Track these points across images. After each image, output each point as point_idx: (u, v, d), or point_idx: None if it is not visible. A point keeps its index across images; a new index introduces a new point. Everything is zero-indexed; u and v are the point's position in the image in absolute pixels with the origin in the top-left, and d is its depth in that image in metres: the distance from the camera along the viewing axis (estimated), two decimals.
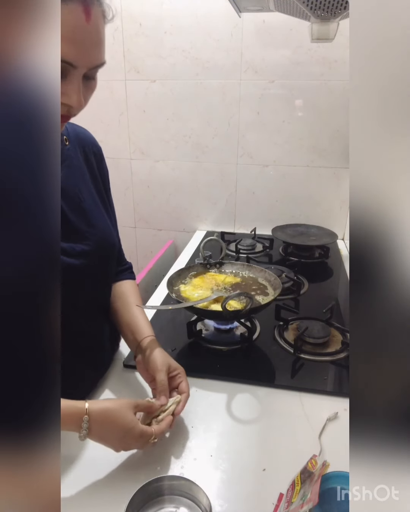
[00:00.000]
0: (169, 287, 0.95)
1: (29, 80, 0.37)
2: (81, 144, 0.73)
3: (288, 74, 1.43)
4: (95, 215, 0.71)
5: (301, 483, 0.56)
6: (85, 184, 0.71)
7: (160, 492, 0.56)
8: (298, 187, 1.60)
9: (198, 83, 1.50)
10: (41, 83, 0.37)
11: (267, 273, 1.01)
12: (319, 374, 0.83)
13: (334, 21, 0.91)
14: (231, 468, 0.63)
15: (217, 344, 0.93)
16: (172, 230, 1.79)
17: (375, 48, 0.36)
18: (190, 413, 0.73)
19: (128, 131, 1.63)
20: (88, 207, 0.70)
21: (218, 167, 1.63)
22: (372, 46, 0.36)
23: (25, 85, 0.37)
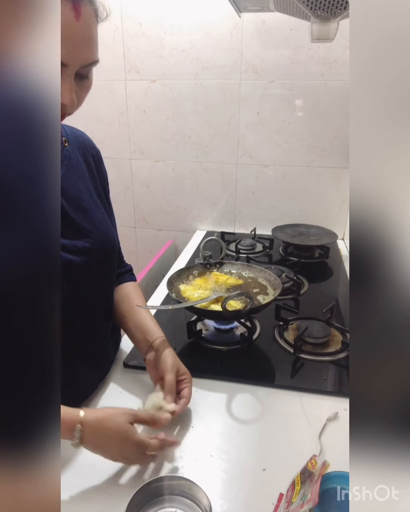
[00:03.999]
0: (169, 287, 0.95)
1: (29, 79, 0.37)
2: (80, 146, 0.74)
3: (288, 74, 1.43)
4: (96, 213, 0.71)
5: (301, 483, 0.56)
6: (84, 184, 0.71)
7: (160, 492, 0.56)
8: (298, 187, 1.60)
9: (198, 83, 1.50)
10: (41, 83, 0.37)
11: (267, 273, 1.01)
12: (319, 374, 0.83)
13: (334, 21, 0.91)
14: (231, 468, 0.63)
15: (217, 344, 0.93)
16: (172, 230, 1.79)
17: (375, 48, 0.36)
18: (190, 413, 0.73)
19: (128, 131, 1.63)
20: (88, 206, 0.70)
21: (218, 167, 1.63)
22: (372, 46, 0.36)
23: (25, 84, 0.37)
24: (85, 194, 0.70)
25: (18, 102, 0.39)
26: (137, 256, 1.88)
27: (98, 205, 0.74)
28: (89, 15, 0.51)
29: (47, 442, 0.37)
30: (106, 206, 0.79)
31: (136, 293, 0.86)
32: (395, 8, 0.34)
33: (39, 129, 0.39)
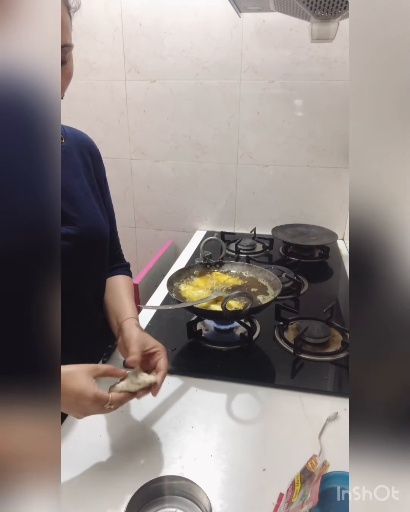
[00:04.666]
0: (169, 287, 0.95)
1: (28, 71, 0.38)
2: (79, 144, 0.78)
3: (288, 74, 1.43)
4: (84, 204, 0.74)
5: (301, 483, 0.56)
6: (77, 177, 0.75)
7: (160, 492, 0.56)
8: (298, 187, 1.60)
9: (198, 83, 1.50)
10: (39, 74, 0.38)
11: (267, 273, 1.01)
12: (319, 374, 0.83)
13: (334, 21, 0.91)
14: (231, 468, 0.63)
15: (217, 344, 0.93)
16: (172, 230, 1.79)
17: (375, 48, 0.36)
18: (190, 413, 0.73)
19: (128, 131, 1.63)
20: (78, 195, 0.73)
21: (218, 167, 1.63)
22: (372, 46, 0.36)
23: (25, 76, 0.38)
24: (76, 185, 0.74)
25: (17, 95, 0.40)
26: (137, 256, 1.88)
27: (90, 197, 0.77)
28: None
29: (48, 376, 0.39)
30: (100, 200, 0.81)
31: (124, 283, 0.87)
32: (395, 8, 0.34)
33: (39, 121, 0.41)
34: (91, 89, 1.58)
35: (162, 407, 0.75)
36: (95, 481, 0.60)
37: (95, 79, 1.57)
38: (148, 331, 0.76)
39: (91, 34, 1.50)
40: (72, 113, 1.60)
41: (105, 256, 0.82)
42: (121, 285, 0.87)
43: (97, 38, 1.51)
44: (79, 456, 0.64)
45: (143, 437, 0.68)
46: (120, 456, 0.64)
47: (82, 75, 1.56)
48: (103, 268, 0.83)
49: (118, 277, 0.89)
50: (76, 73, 0.64)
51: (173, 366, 0.85)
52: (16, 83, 0.39)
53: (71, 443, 0.67)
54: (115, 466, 0.63)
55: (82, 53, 1.53)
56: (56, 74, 0.40)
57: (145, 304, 1.23)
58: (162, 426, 0.70)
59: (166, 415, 0.73)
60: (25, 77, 0.39)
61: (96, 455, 0.64)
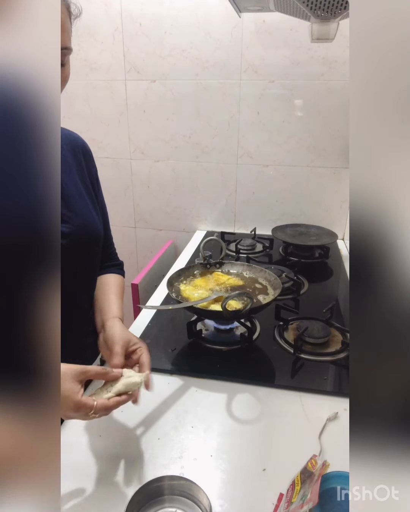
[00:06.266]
0: (169, 287, 0.95)
1: (28, 71, 0.38)
2: (71, 144, 0.79)
3: (288, 74, 1.43)
4: (77, 202, 0.75)
5: (301, 483, 0.56)
6: (70, 175, 0.76)
7: (160, 492, 0.56)
8: (298, 187, 1.60)
9: (198, 83, 1.50)
10: (39, 74, 0.38)
11: (267, 273, 1.01)
12: (319, 374, 0.83)
13: (334, 21, 0.91)
14: (231, 468, 0.63)
15: (217, 344, 0.93)
16: (172, 230, 1.79)
17: (375, 48, 0.36)
18: (190, 413, 0.73)
19: (128, 131, 1.63)
20: (70, 194, 0.74)
21: (218, 167, 1.63)
22: (372, 46, 0.36)
23: (25, 76, 0.39)
24: (69, 184, 0.74)
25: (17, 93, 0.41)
26: (137, 256, 1.88)
27: (82, 195, 0.77)
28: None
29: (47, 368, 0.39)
30: (93, 198, 0.82)
31: (114, 281, 0.87)
32: (395, 8, 0.34)
33: (39, 122, 0.41)
34: (91, 89, 1.58)
35: (162, 407, 0.75)
36: (95, 481, 0.60)
37: (95, 79, 1.56)
38: (148, 331, 0.76)
39: (91, 34, 1.50)
40: (72, 113, 1.59)
41: (99, 254, 0.83)
42: (110, 283, 0.87)
43: (97, 38, 1.51)
44: (79, 456, 0.64)
45: (143, 437, 0.68)
46: (120, 456, 0.64)
47: (82, 75, 1.56)
48: (96, 266, 0.84)
49: (109, 275, 0.89)
50: (76, 73, 0.64)
51: (173, 366, 0.85)
52: (16, 84, 0.40)
53: (71, 443, 0.67)
54: (115, 466, 0.63)
55: (82, 53, 1.53)
56: (56, 74, 0.40)
57: (145, 304, 1.23)
58: (162, 426, 0.70)
59: (166, 415, 0.73)
60: (25, 77, 0.39)
61: (96, 455, 0.64)
